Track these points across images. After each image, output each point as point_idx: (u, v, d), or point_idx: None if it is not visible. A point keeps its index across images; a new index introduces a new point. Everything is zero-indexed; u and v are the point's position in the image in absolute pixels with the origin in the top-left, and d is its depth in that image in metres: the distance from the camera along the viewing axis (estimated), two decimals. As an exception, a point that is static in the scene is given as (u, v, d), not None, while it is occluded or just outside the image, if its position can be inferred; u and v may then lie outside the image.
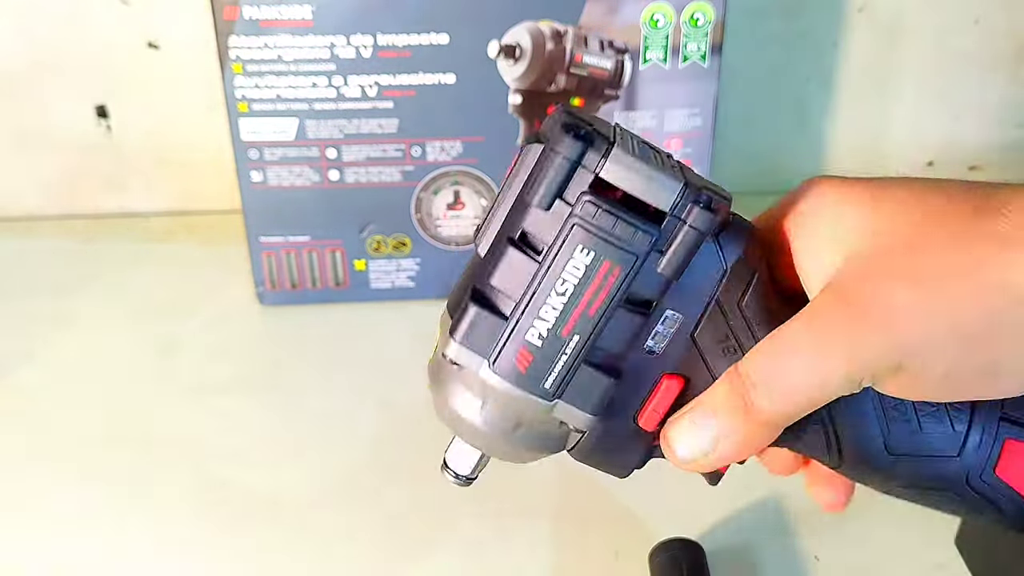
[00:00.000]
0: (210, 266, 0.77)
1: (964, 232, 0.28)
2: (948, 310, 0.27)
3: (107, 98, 0.81)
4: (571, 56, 0.65)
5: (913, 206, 0.29)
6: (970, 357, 0.28)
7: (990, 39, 0.84)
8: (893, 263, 0.29)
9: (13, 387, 0.65)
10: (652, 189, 0.30)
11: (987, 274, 0.27)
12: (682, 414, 0.32)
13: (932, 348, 0.28)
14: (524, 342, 0.31)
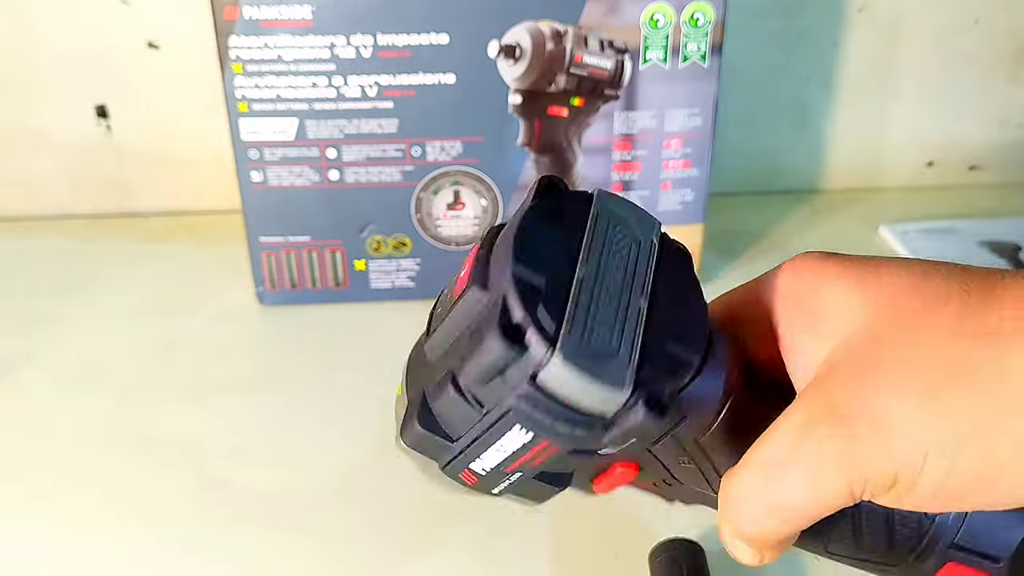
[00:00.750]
0: (210, 266, 0.77)
1: (960, 332, 0.27)
2: (945, 422, 0.26)
3: (107, 98, 0.81)
4: (571, 56, 0.65)
5: (906, 294, 0.28)
6: (967, 468, 0.26)
7: (990, 39, 0.84)
8: (884, 368, 0.27)
9: (13, 387, 0.65)
10: (594, 400, 0.27)
11: (985, 383, 0.26)
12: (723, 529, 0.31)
13: (928, 461, 0.27)
14: (468, 468, 0.31)
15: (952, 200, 0.87)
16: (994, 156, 0.90)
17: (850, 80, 0.85)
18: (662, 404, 0.27)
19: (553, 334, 0.27)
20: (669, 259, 0.31)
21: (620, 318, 0.28)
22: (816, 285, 0.29)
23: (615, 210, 0.31)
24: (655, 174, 0.70)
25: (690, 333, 0.29)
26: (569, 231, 0.29)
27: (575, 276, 0.28)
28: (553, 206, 0.30)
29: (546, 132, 0.67)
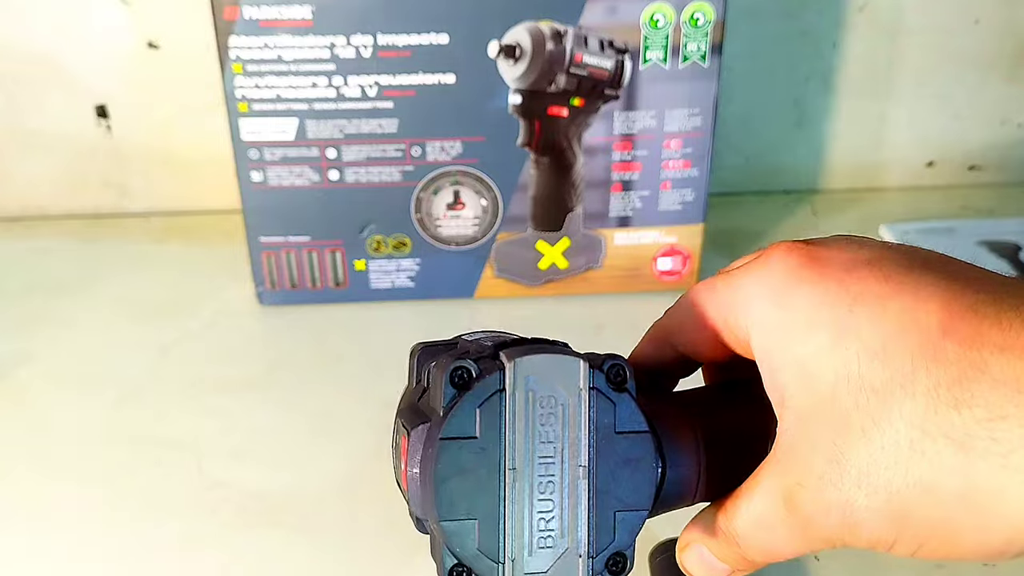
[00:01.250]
0: (210, 266, 0.77)
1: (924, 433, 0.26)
2: (906, 520, 0.27)
3: (107, 98, 0.81)
4: (571, 56, 0.65)
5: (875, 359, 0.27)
6: (928, 552, 0.28)
7: (990, 39, 0.84)
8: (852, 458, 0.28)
9: (13, 387, 0.65)
10: None
11: (947, 489, 0.26)
12: (686, 553, 0.34)
13: (896, 546, 0.28)
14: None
15: (952, 200, 0.87)
16: (994, 156, 0.90)
17: (850, 80, 0.85)
18: (621, 562, 0.30)
19: (497, 569, 0.29)
20: (603, 402, 0.31)
21: (561, 507, 0.30)
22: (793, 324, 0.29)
23: (533, 377, 0.30)
24: (655, 174, 0.70)
25: (636, 481, 0.31)
26: (488, 441, 0.30)
27: (504, 490, 0.29)
28: (465, 417, 0.30)
29: (546, 132, 0.67)
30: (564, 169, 0.69)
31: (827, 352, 0.28)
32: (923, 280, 0.27)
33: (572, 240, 0.71)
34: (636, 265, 0.72)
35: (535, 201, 0.70)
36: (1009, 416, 0.25)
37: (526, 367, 0.30)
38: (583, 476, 0.30)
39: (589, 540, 0.30)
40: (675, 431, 0.33)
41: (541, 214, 0.70)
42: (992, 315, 0.26)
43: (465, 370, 0.30)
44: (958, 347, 0.26)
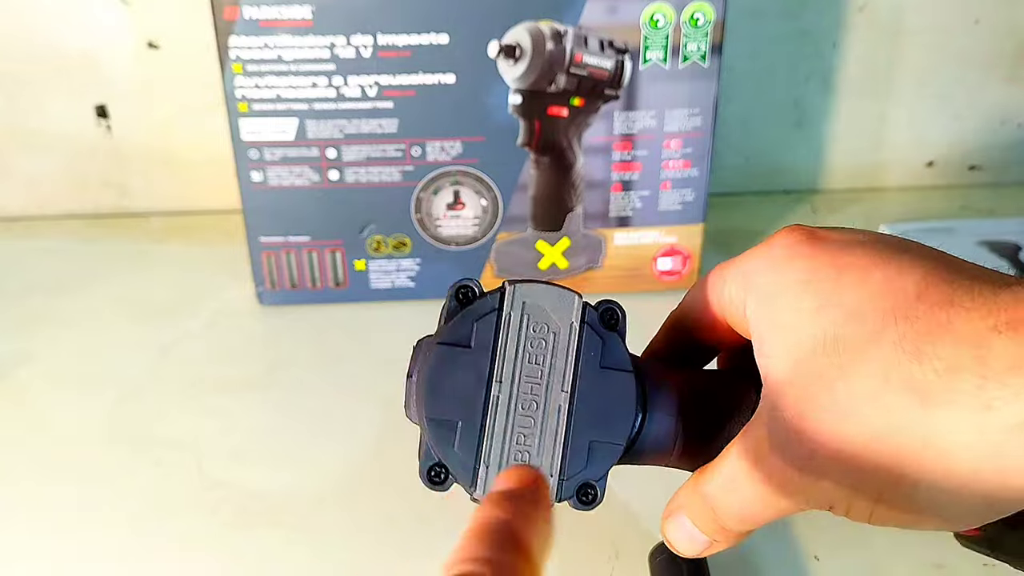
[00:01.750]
0: (210, 266, 0.77)
1: (888, 383, 0.27)
2: (863, 471, 0.28)
3: (107, 98, 0.81)
4: (571, 56, 0.65)
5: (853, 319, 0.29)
6: (886, 510, 0.29)
7: (990, 39, 0.84)
8: (816, 411, 0.29)
9: (13, 387, 0.65)
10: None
11: (903, 438, 0.27)
12: (669, 519, 0.34)
13: (852, 500, 0.29)
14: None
15: (952, 200, 0.87)
16: (994, 156, 0.90)
17: (850, 80, 0.85)
18: (592, 493, 0.31)
19: (472, 471, 0.31)
20: (594, 337, 0.32)
21: (540, 426, 0.31)
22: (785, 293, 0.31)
23: (530, 301, 0.32)
24: (655, 174, 0.70)
25: (614, 415, 0.32)
26: (480, 351, 0.32)
27: (489, 399, 0.31)
28: (462, 327, 0.32)
29: (546, 132, 0.67)
30: (564, 169, 0.69)
31: (811, 316, 0.29)
32: (909, 256, 0.29)
33: (572, 240, 0.71)
34: (636, 265, 0.72)
35: (535, 201, 0.70)
36: (964, 368, 0.26)
37: (525, 293, 0.32)
38: (564, 401, 0.31)
39: (562, 462, 0.31)
40: (658, 385, 0.34)
41: (541, 214, 0.70)
42: (966, 286, 0.27)
43: (469, 288, 0.32)
44: (928, 308, 0.27)
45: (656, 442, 0.33)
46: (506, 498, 0.26)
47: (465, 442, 0.31)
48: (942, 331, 0.27)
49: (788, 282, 0.31)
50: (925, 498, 0.28)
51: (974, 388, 0.26)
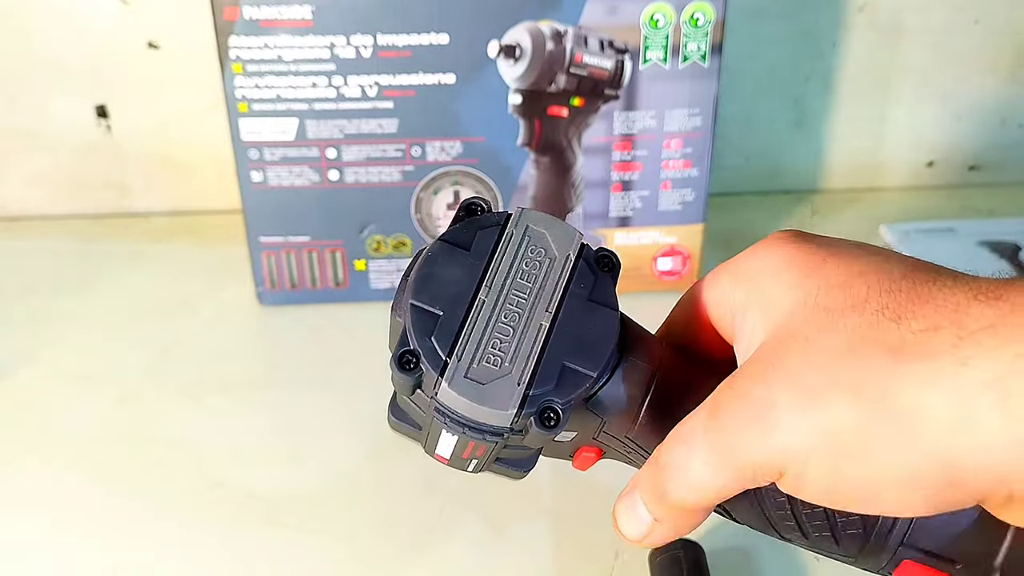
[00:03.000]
0: (210, 266, 0.77)
1: (862, 341, 0.27)
2: (826, 424, 0.27)
3: (107, 98, 0.81)
4: (571, 56, 0.65)
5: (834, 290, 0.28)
6: (849, 473, 0.27)
7: (990, 39, 0.84)
8: (785, 365, 0.28)
9: (13, 387, 0.65)
10: (486, 417, 0.30)
11: (869, 401, 0.26)
12: (623, 495, 0.33)
13: (811, 463, 0.27)
14: (436, 452, 0.33)
15: (952, 200, 0.87)
16: (994, 156, 0.90)
17: (850, 80, 0.85)
18: (553, 417, 0.30)
19: (443, 362, 0.30)
20: (587, 273, 0.33)
21: (518, 338, 0.31)
22: (770, 273, 0.31)
23: (534, 227, 0.33)
24: (655, 174, 0.70)
25: (592, 346, 0.32)
26: (477, 256, 0.32)
27: (475, 302, 0.31)
28: (465, 232, 0.33)
29: (546, 132, 0.67)
30: (564, 169, 0.69)
31: (792, 288, 0.29)
32: (895, 253, 0.30)
33: (572, 240, 0.71)
34: (636, 265, 0.72)
35: (535, 201, 0.70)
36: (941, 328, 0.26)
37: (531, 218, 0.33)
38: (546, 321, 0.32)
39: (532, 375, 0.30)
40: (639, 343, 0.34)
41: (541, 214, 0.70)
42: (950, 273, 0.28)
43: (478, 204, 0.33)
44: (912, 284, 0.28)
45: (622, 398, 0.33)
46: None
47: (443, 334, 0.31)
48: (923, 301, 0.27)
49: (772, 267, 0.31)
50: (890, 462, 0.26)
51: (950, 346, 0.26)
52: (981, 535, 0.31)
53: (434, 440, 0.32)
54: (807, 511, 0.32)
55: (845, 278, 0.29)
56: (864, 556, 0.32)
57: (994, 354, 0.25)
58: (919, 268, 0.28)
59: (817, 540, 0.33)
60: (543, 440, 0.32)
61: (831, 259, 0.30)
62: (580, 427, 0.33)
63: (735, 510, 0.34)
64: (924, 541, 0.32)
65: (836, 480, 0.27)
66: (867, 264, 0.29)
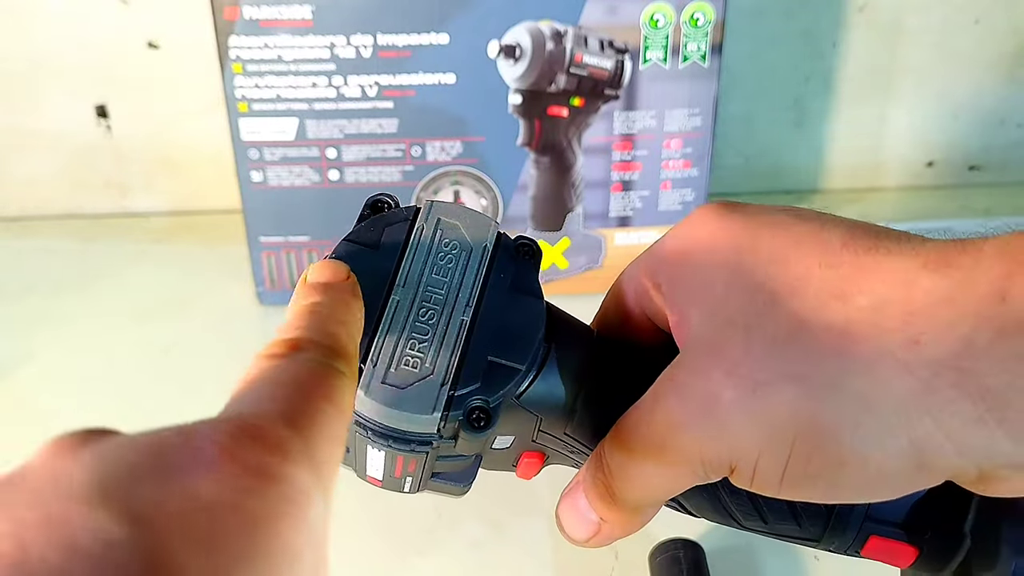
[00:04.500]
0: (210, 266, 0.77)
1: (805, 326, 0.25)
2: (775, 417, 0.25)
3: (107, 98, 0.81)
4: (571, 56, 0.65)
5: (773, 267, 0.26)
6: (803, 465, 0.25)
7: (990, 39, 0.84)
8: (727, 351, 0.26)
9: (13, 387, 0.65)
10: (409, 424, 0.28)
11: (819, 378, 0.25)
12: (566, 494, 0.31)
13: (761, 454, 0.26)
14: (367, 474, 0.31)
15: (952, 200, 0.87)
16: (994, 156, 0.90)
17: (850, 80, 0.85)
18: (483, 417, 0.28)
19: (359, 367, 0.28)
20: (507, 262, 0.31)
21: (437, 337, 0.29)
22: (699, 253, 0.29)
23: (445, 219, 0.31)
24: (655, 174, 0.70)
25: (517, 338, 0.29)
26: (387, 255, 0.30)
27: (387, 303, 0.29)
28: (372, 230, 0.30)
29: (546, 132, 0.67)
30: (564, 169, 0.69)
31: (724, 268, 0.27)
32: (831, 216, 0.28)
33: (572, 240, 0.71)
34: (636, 265, 0.72)
35: (535, 201, 0.70)
36: (890, 303, 0.24)
37: (442, 210, 0.31)
38: (467, 316, 0.29)
39: (456, 375, 0.28)
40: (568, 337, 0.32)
41: (541, 214, 0.70)
42: (893, 236, 0.26)
43: (384, 201, 0.31)
44: (853, 255, 0.26)
45: (556, 391, 0.31)
46: (324, 288, 0.26)
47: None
48: (867, 272, 0.25)
49: (702, 246, 0.28)
50: (848, 452, 0.25)
51: (900, 323, 0.24)
52: (947, 499, 0.30)
53: (363, 460, 0.30)
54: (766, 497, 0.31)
55: (780, 252, 0.27)
56: (829, 537, 0.31)
57: (948, 330, 0.23)
58: (858, 233, 0.27)
59: (778, 525, 0.32)
60: (476, 445, 0.30)
61: (763, 232, 0.27)
62: (516, 429, 0.31)
63: (689, 503, 0.32)
64: (888, 513, 0.31)
65: (791, 473, 0.26)
66: (802, 233, 0.27)
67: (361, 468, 0.31)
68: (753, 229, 0.28)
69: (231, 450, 0.20)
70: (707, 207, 0.29)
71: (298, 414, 0.22)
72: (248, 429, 0.22)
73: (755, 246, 0.27)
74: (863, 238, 0.26)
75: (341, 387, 0.24)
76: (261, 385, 0.24)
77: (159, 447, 0.20)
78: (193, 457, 0.20)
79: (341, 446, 0.23)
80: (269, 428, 0.22)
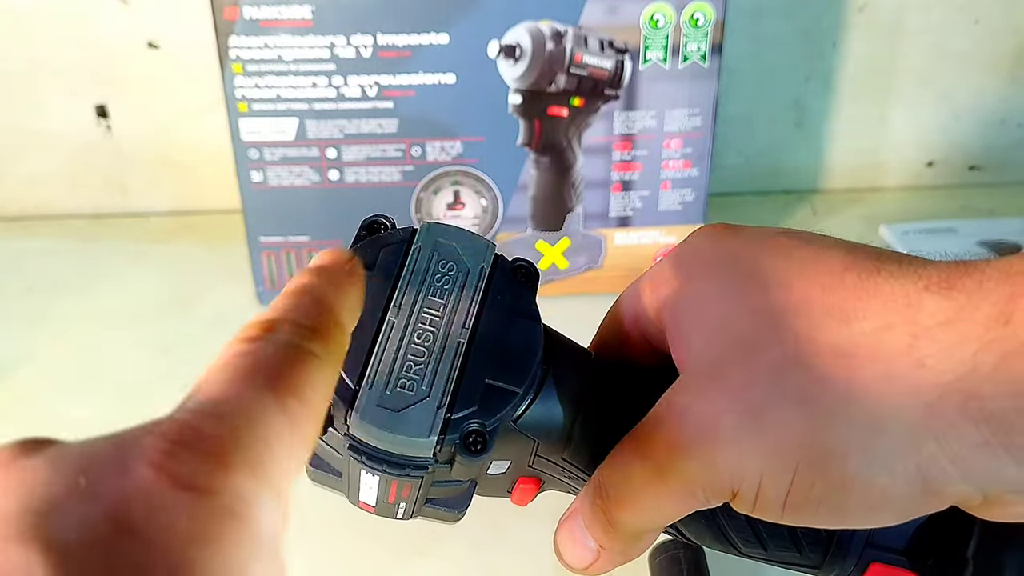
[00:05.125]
0: (210, 266, 0.77)
1: (810, 342, 0.25)
2: (778, 441, 0.25)
3: (107, 98, 0.81)
4: (571, 56, 0.65)
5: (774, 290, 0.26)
6: (807, 490, 0.25)
7: (990, 39, 0.84)
8: (729, 374, 0.26)
9: (13, 387, 0.65)
10: (404, 448, 0.28)
11: (824, 401, 0.24)
12: (564, 521, 0.31)
13: (763, 479, 0.25)
14: (360, 499, 0.30)
15: (952, 200, 0.87)
16: (994, 156, 0.90)
17: (850, 80, 0.85)
18: (480, 441, 0.28)
19: (353, 391, 0.27)
20: (504, 284, 0.30)
21: (434, 359, 0.28)
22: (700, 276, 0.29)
23: (442, 241, 0.31)
24: (655, 174, 0.70)
25: (515, 360, 0.29)
26: (382, 276, 0.30)
27: (383, 324, 0.29)
28: (368, 251, 0.30)
29: (546, 132, 0.67)
30: (564, 169, 0.69)
31: (725, 291, 0.27)
32: (831, 240, 0.28)
33: (572, 240, 0.71)
34: (636, 265, 0.72)
35: (535, 201, 0.70)
36: (894, 327, 0.24)
37: (438, 231, 0.31)
38: (464, 338, 0.29)
39: (452, 397, 0.28)
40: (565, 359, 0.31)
41: (541, 214, 0.70)
42: (894, 259, 0.26)
43: (380, 223, 0.31)
44: (855, 278, 0.26)
45: (553, 415, 0.30)
46: (319, 271, 0.25)
47: (350, 362, 0.27)
48: (870, 295, 0.25)
49: (702, 269, 0.28)
50: (852, 476, 0.24)
51: (905, 346, 0.24)
52: (948, 525, 0.30)
53: (355, 485, 0.29)
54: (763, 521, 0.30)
55: (783, 276, 0.27)
56: (830, 563, 0.31)
57: (953, 353, 0.23)
58: (859, 255, 0.26)
59: (778, 552, 0.31)
60: (473, 470, 0.29)
61: (763, 256, 0.27)
62: (512, 454, 0.31)
63: (688, 529, 0.32)
64: (890, 538, 0.30)
65: (794, 498, 0.25)
66: (804, 258, 0.27)
67: (354, 493, 0.30)
68: (754, 253, 0.28)
69: (160, 463, 0.18)
70: (706, 229, 0.29)
71: (247, 410, 0.20)
72: (183, 433, 0.19)
73: (756, 270, 0.27)
74: (864, 261, 0.26)
75: (310, 373, 0.22)
76: (217, 376, 0.21)
77: (88, 464, 0.18)
78: (120, 475, 0.18)
79: (302, 441, 0.21)
80: (208, 430, 0.20)
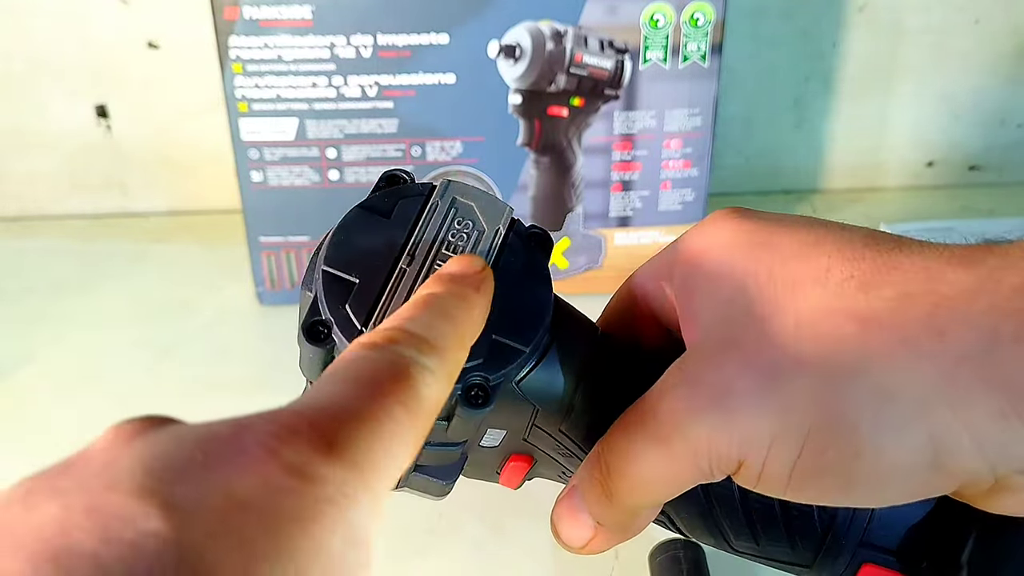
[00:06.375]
0: (210, 266, 0.77)
1: (827, 309, 0.24)
2: (789, 407, 0.24)
3: (107, 98, 0.81)
4: (571, 56, 0.65)
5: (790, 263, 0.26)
6: (814, 455, 0.24)
7: (990, 39, 0.84)
8: (742, 340, 0.26)
9: (13, 387, 0.65)
10: None
11: (840, 367, 0.24)
12: (561, 498, 0.31)
13: (772, 447, 0.25)
14: None
15: (952, 200, 0.87)
16: (994, 156, 0.90)
17: (850, 80, 0.85)
18: (481, 395, 0.27)
19: (359, 331, 0.27)
20: (519, 247, 0.30)
21: None
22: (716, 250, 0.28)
23: (460, 199, 0.30)
24: (655, 174, 0.70)
25: (524, 320, 0.29)
26: (398, 224, 0.29)
27: (395, 270, 0.28)
28: (387, 200, 0.30)
29: (546, 132, 0.67)
30: (564, 169, 0.69)
31: (742, 263, 0.27)
32: (848, 225, 0.27)
33: (572, 240, 0.71)
34: (636, 265, 0.72)
35: (535, 201, 0.70)
36: (915, 296, 0.24)
37: (459, 190, 0.31)
38: None
39: None
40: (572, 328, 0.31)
41: (541, 214, 0.70)
42: (914, 241, 0.26)
43: (400, 176, 0.31)
44: (876, 251, 0.25)
45: (555, 382, 0.30)
46: (450, 279, 0.26)
47: (358, 302, 0.27)
48: (891, 267, 0.25)
49: (719, 243, 0.28)
50: (864, 442, 0.24)
51: (925, 315, 0.23)
52: (944, 528, 0.29)
53: None
54: (758, 509, 0.30)
55: (800, 248, 0.26)
56: (821, 562, 0.31)
57: (974, 322, 0.23)
58: (880, 236, 0.26)
59: (770, 547, 0.31)
60: (470, 428, 0.29)
61: (782, 230, 0.27)
62: (510, 421, 0.31)
63: (680, 518, 0.32)
64: (884, 538, 0.30)
65: (802, 467, 0.25)
66: (822, 234, 0.27)
67: None
68: (771, 230, 0.27)
69: (273, 448, 0.20)
70: (724, 211, 0.29)
71: (358, 412, 0.22)
72: (298, 425, 0.21)
73: (774, 243, 0.27)
74: (884, 240, 0.26)
75: (419, 387, 0.23)
76: (337, 375, 0.23)
77: (207, 441, 0.21)
78: (236, 454, 0.20)
79: (404, 450, 0.22)
80: (322, 424, 0.21)
